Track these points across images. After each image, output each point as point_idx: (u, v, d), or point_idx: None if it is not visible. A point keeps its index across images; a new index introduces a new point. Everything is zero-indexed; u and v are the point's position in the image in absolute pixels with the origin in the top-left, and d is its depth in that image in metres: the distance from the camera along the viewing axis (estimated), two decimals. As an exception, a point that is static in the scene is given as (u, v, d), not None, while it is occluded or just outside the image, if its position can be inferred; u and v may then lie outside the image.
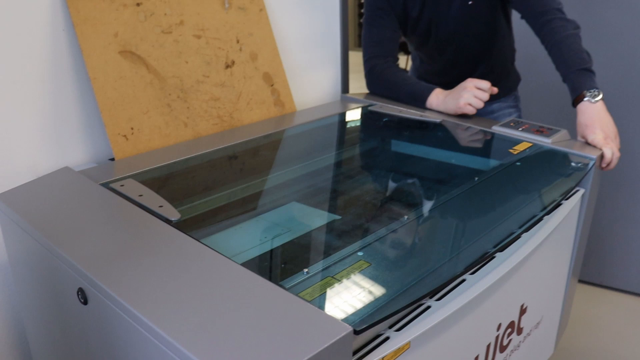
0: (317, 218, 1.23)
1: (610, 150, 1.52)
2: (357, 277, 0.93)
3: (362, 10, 2.02)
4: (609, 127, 1.57)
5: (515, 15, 1.90)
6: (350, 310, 0.84)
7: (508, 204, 1.28)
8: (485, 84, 1.74)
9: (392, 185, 1.43)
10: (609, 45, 2.45)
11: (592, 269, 2.76)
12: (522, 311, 1.33)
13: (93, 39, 1.38)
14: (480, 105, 1.73)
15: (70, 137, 1.42)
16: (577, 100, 1.61)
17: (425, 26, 1.95)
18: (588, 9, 2.45)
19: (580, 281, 2.79)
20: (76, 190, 1.20)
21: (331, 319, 0.79)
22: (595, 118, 1.57)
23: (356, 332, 0.79)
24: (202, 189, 1.32)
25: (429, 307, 0.98)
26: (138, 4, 1.47)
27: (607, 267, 2.74)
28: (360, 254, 1.01)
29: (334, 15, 2.07)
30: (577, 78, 1.63)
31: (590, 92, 1.59)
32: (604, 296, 2.71)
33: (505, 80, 2.12)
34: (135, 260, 0.93)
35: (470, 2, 1.86)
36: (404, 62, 7.73)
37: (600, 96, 1.59)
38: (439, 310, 0.97)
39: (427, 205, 1.27)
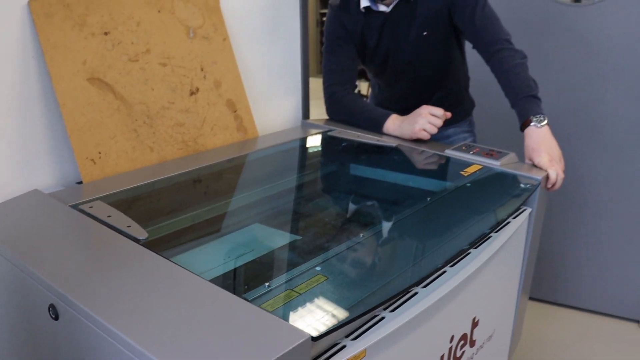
0: (278, 238, 1.29)
1: (555, 172, 1.61)
2: (315, 290, 1.00)
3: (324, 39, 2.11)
4: (554, 150, 1.67)
5: (469, 45, 2.00)
6: (308, 319, 0.91)
7: (458, 222, 1.36)
8: (439, 111, 1.82)
9: (349, 206, 1.50)
10: (555, 74, 2.58)
11: (545, 287, 2.87)
12: (474, 324, 1.40)
13: (62, 66, 1.44)
14: (434, 130, 1.82)
15: (39, 161, 1.46)
16: (524, 125, 1.71)
17: (382, 55, 2.03)
18: (535, 42, 2.58)
19: (535, 299, 2.89)
20: (46, 212, 1.24)
21: (290, 327, 0.85)
22: (540, 142, 1.66)
23: (314, 339, 0.85)
24: (168, 211, 1.37)
25: (383, 317, 1.04)
26: (106, 33, 1.53)
27: (560, 286, 2.84)
28: (318, 268, 1.07)
29: (295, 44, 2.15)
30: (524, 104, 1.73)
31: (536, 117, 1.69)
32: (556, 313, 2.81)
33: (460, 106, 2.21)
34: (106, 277, 0.98)
35: (425, 33, 1.95)
36: (366, 88, 7.86)
37: (546, 121, 1.69)
38: (393, 321, 1.03)
39: (382, 224, 1.34)
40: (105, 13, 1.54)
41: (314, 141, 1.94)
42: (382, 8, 1.95)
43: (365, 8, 1.96)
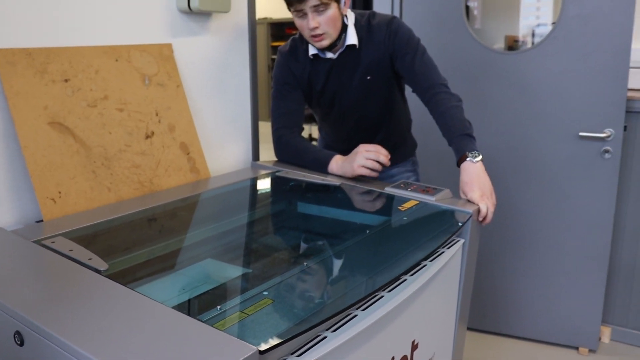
0: (229, 270, 1.39)
1: (485, 206, 1.75)
2: (263, 311, 1.10)
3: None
4: (486, 186, 1.81)
5: (409, 89, 2.14)
6: (256, 336, 1.01)
7: (395, 252, 1.47)
8: (374, 147, 1.95)
9: (295, 240, 1.61)
10: (491, 116, 2.77)
11: (489, 319, 3.00)
12: (414, 347, 1.50)
13: (25, 111, 1.53)
14: (375, 165, 1.92)
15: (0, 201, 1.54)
16: (460, 160, 1.85)
17: (329, 98, 2.16)
18: (473, 87, 2.77)
19: (479, 330, 3.02)
20: (9, 247, 1.32)
21: (240, 342, 0.95)
22: (474, 177, 1.80)
23: (261, 352, 0.95)
24: (126, 246, 1.46)
25: (325, 337, 1.15)
26: (66, 80, 1.63)
27: (502, 317, 2.98)
28: (265, 293, 1.18)
29: (245, 90, 2.28)
30: (460, 142, 1.88)
31: (471, 153, 1.83)
32: (500, 343, 2.95)
33: (402, 146, 2.35)
34: (70, 303, 1.06)
35: (368, 78, 2.09)
36: (317, 131, 8.01)
37: (480, 157, 1.83)
38: (334, 340, 1.13)
39: (324, 255, 1.45)
40: (65, 61, 1.64)
41: (263, 181, 2.05)
42: (329, 55, 2.09)
43: (314, 55, 2.09)
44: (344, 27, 2.04)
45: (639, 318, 2.87)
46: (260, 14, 9.27)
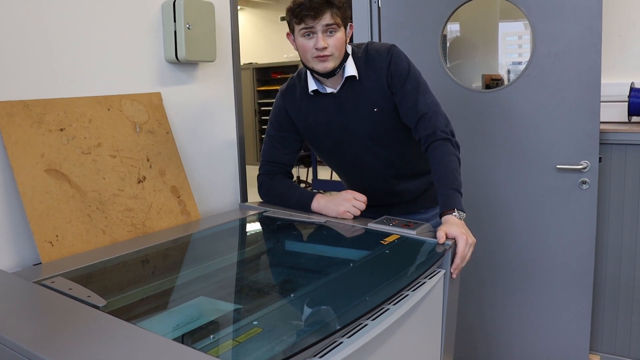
0: (220, 305, 1.46)
1: (464, 239, 1.73)
2: (253, 339, 1.17)
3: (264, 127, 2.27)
4: (468, 231, 1.79)
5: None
6: (247, 360, 1.08)
7: (377, 283, 1.55)
8: (362, 197, 2.02)
9: (283, 275, 1.68)
10: (472, 151, 2.87)
11: (481, 351, 3.05)
12: (399, 375, 1.57)
13: (22, 159, 1.61)
14: (358, 213, 2.00)
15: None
16: (446, 213, 1.85)
17: (336, 139, 2.09)
18: (454, 123, 2.85)
19: (467, 364, 3.07)
20: (12, 287, 1.39)
21: (232, 366, 1.02)
22: (457, 222, 1.80)
23: (252, 376, 1.02)
24: (122, 286, 1.53)
25: (312, 363, 1.22)
26: (61, 129, 1.72)
27: (494, 348, 3.03)
28: (255, 322, 1.25)
29: (232, 135, 2.38)
30: (450, 196, 1.87)
31: (458, 211, 1.84)
32: (487, 375, 2.99)
33: (432, 188, 2.19)
34: (72, 337, 1.14)
35: (375, 110, 2.02)
36: (305, 174, 8.10)
37: (464, 216, 1.84)
38: (321, 366, 1.21)
39: (309, 286, 1.52)
40: (60, 112, 1.73)
41: (251, 221, 2.12)
42: (330, 90, 2.03)
43: (314, 91, 2.04)
44: (345, 57, 1.97)
45: (626, 344, 2.92)
46: (245, 59, 9.43)
